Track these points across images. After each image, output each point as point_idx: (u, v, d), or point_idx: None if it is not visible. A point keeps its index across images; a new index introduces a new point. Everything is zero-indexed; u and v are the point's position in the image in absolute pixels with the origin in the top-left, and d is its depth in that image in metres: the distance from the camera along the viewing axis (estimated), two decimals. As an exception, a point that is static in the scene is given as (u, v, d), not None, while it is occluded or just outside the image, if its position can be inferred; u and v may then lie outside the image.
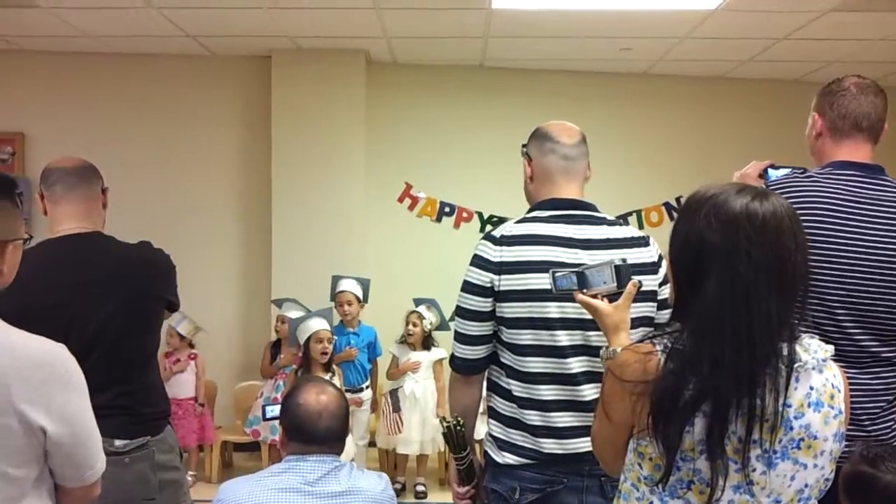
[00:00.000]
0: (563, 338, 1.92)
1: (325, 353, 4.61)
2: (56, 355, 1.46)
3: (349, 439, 2.82)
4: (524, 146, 2.14)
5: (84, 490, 1.53)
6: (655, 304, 1.98)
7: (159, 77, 5.76)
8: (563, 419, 1.93)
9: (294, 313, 5.02)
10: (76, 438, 1.46)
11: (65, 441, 1.44)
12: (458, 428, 2.06)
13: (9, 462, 1.38)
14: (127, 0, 4.39)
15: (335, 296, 5.06)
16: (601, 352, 1.79)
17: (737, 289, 1.28)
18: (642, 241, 2.03)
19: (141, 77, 5.75)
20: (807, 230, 1.83)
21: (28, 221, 5.17)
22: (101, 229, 2.36)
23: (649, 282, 1.95)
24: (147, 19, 4.76)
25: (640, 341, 1.41)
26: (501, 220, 5.69)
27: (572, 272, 1.80)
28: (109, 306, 2.21)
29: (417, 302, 5.11)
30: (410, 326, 5.04)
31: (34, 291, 1.99)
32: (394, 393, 5.03)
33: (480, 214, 5.95)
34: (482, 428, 2.42)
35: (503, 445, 1.99)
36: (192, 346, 5.22)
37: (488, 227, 5.82)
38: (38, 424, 1.39)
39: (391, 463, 5.21)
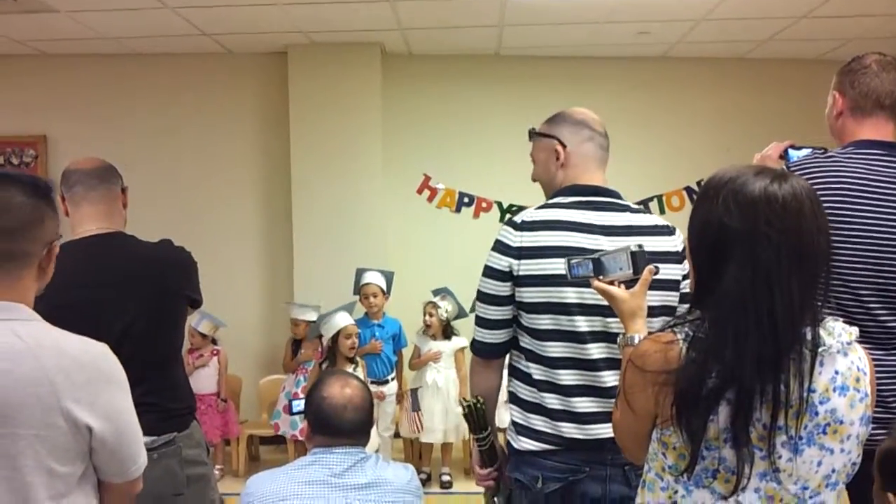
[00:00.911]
0: (582, 323, 1.92)
1: (353, 348, 4.69)
2: (99, 353, 1.49)
3: (374, 431, 2.84)
4: (541, 131, 2.12)
5: (128, 485, 1.56)
6: (678, 294, 1.97)
7: (177, 76, 5.80)
8: (584, 404, 1.92)
9: (305, 314, 5.14)
10: (120, 435, 1.49)
11: (109, 438, 1.46)
12: (479, 406, 2.06)
13: (56, 459, 1.41)
14: (144, 1, 4.41)
15: (360, 288, 5.09)
16: (618, 339, 1.79)
17: (758, 274, 1.26)
18: (666, 230, 2.02)
19: (159, 76, 5.79)
20: (829, 211, 1.81)
21: (52, 223, 5.16)
22: (123, 229, 2.38)
23: (672, 271, 1.94)
24: (164, 19, 4.79)
25: (661, 330, 1.39)
26: (521, 209, 5.66)
27: (588, 259, 1.80)
28: (133, 305, 2.23)
29: (434, 292, 5.13)
30: (427, 317, 5.06)
31: (59, 293, 2.01)
32: (414, 392, 5.06)
33: (500, 204, 5.94)
34: (505, 416, 2.43)
35: (522, 431, 1.99)
36: (214, 342, 5.27)
37: (508, 216, 5.81)
38: (83, 422, 1.42)
39: (416, 453, 5.23)
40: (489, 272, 2.00)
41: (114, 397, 1.48)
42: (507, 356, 2.09)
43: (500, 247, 1.98)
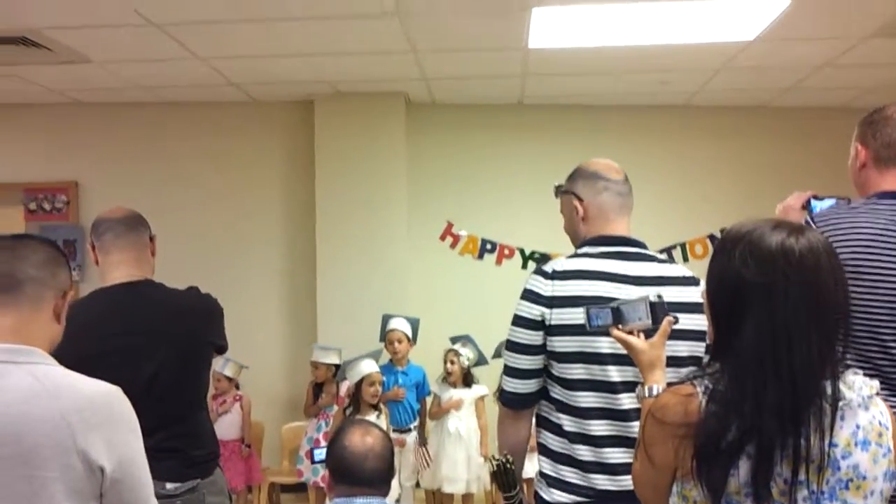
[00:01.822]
0: (615, 373, 1.91)
1: (377, 396, 4.69)
2: (114, 396, 1.51)
3: (395, 480, 2.83)
4: (560, 187, 2.15)
5: None
6: (705, 345, 1.96)
7: (206, 124, 5.93)
8: (615, 455, 1.91)
9: (326, 357, 5.15)
10: (132, 479, 1.50)
11: (121, 480, 1.47)
12: (508, 466, 2.04)
13: (70, 501, 1.42)
14: (175, 52, 4.54)
15: (385, 334, 5.11)
16: (636, 390, 1.78)
17: (776, 327, 1.27)
18: (692, 281, 2.02)
19: (189, 124, 5.93)
20: (853, 261, 1.81)
21: (82, 269, 5.34)
22: (151, 276, 2.42)
23: (698, 321, 1.91)
24: (193, 69, 4.92)
25: (681, 382, 1.39)
26: (544, 256, 5.69)
27: (607, 308, 1.80)
28: (160, 353, 2.26)
29: (453, 340, 5.13)
30: (448, 365, 5.05)
31: (88, 340, 2.05)
32: (421, 429, 5.04)
33: (522, 251, 5.95)
34: (529, 467, 2.41)
35: (553, 483, 1.97)
36: (237, 387, 5.28)
37: (531, 264, 5.82)
38: (98, 464, 1.43)
39: (438, 503, 5.17)
40: (520, 321, 1.99)
41: (127, 440, 1.50)
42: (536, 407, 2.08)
43: (530, 296, 1.99)
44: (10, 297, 1.49)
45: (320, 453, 3.97)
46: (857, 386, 1.32)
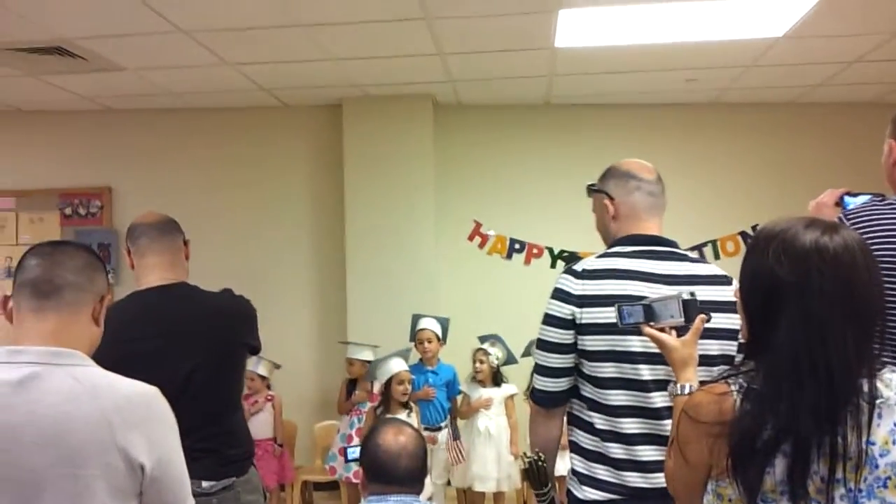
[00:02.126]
0: (646, 372, 1.91)
1: (406, 394, 4.71)
2: (152, 396, 1.54)
3: (427, 479, 2.84)
4: (594, 186, 2.16)
5: None
6: (737, 343, 1.95)
7: (236, 129, 6.00)
8: (647, 453, 1.91)
9: (361, 354, 5.16)
10: (170, 477, 1.53)
11: (160, 478, 1.50)
12: (540, 463, 2.05)
13: (112, 499, 1.45)
14: (206, 59, 4.61)
15: (415, 334, 5.13)
16: (668, 388, 1.78)
17: (811, 326, 1.27)
18: (724, 280, 2.02)
19: (218, 129, 6.00)
20: (888, 258, 1.79)
21: (116, 272, 5.43)
22: (185, 279, 2.46)
23: (730, 320, 1.92)
24: (224, 76, 4.99)
25: (715, 381, 1.39)
26: (572, 255, 5.68)
27: (639, 305, 1.80)
28: (196, 354, 2.30)
29: (482, 339, 5.14)
30: (477, 364, 5.06)
31: (125, 343, 2.10)
32: (454, 423, 5.05)
33: (551, 250, 5.94)
34: (560, 465, 2.41)
35: (585, 481, 1.98)
36: (269, 387, 5.34)
37: (559, 263, 5.81)
38: (138, 462, 1.46)
39: (469, 502, 5.18)
40: (550, 320, 2.00)
41: (166, 438, 1.54)
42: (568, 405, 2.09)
43: (561, 295, 1.99)
44: (51, 303, 1.53)
45: (353, 452, 4.00)
46: (895, 384, 1.31)
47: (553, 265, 5.85)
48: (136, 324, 2.27)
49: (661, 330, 1.77)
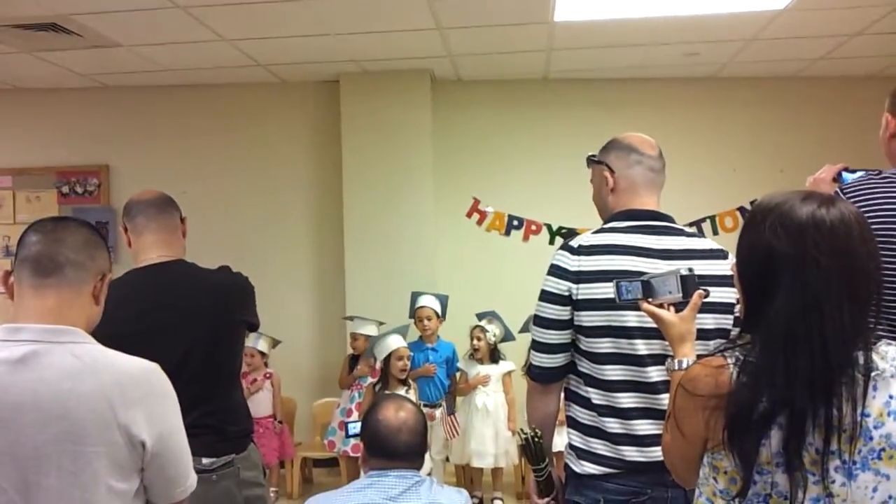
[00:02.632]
0: (642, 347, 1.92)
1: (405, 370, 4.73)
2: (153, 371, 1.54)
3: (427, 454, 2.86)
4: (593, 157, 2.15)
5: None
6: (732, 318, 1.96)
7: (233, 105, 5.97)
8: (644, 427, 1.92)
9: (365, 329, 5.17)
10: (171, 453, 1.53)
11: (161, 454, 1.50)
12: (536, 439, 2.06)
13: (114, 476, 1.45)
14: (202, 35, 4.58)
15: (415, 311, 5.14)
16: (666, 363, 1.78)
17: (808, 298, 1.27)
18: (720, 254, 2.01)
19: (216, 106, 5.98)
20: (884, 231, 1.79)
21: (113, 250, 5.42)
22: (183, 257, 2.46)
23: (726, 294, 1.93)
24: (221, 52, 4.96)
25: (711, 354, 1.39)
26: (570, 232, 5.68)
27: (637, 281, 1.80)
28: (194, 331, 2.30)
29: (479, 316, 5.15)
30: (475, 341, 5.08)
31: (123, 320, 2.09)
32: (450, 397, 5.08)
33: (549, 226, 5.94)
34: (558, 440, 2.42)
35: (582, 455, 1.99)
36: (266, 364, 5.36)
37: (558, 240, 5.81)
38: (139, 438, 1.46)
39: (467, 477, 5.23)
40: (547, 296, 2.00)
41: (166, 414, 1.53)
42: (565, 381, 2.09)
43: (557, 271, 1.99)
44: (52, 280, 1.52)
45: (354, 427, 4.03)
46: (891, 356, 1.31)
47: (552, 242, 5.85)
48: (133, 301, 2.26)
49: (660, 306, 1.77)
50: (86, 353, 1.49)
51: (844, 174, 2.15)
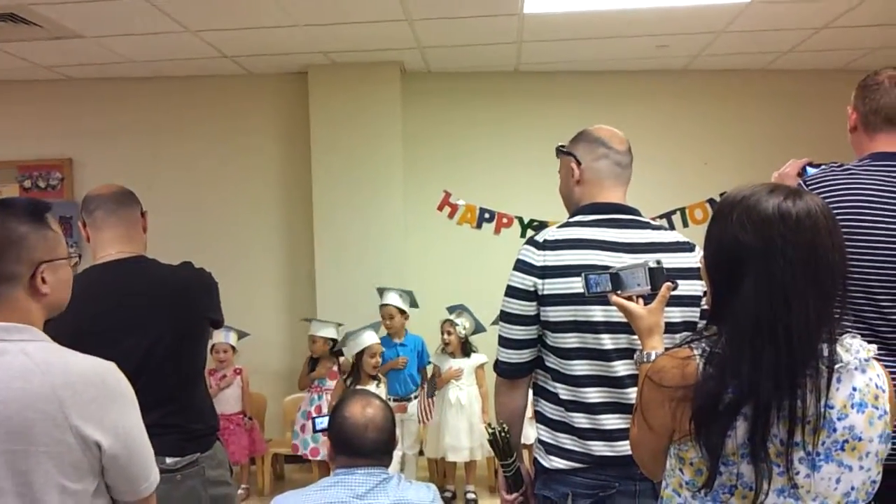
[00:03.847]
0: (608, 341, 1.91)
1: (377, 367, 4.74)
2: (107, 371, 1.50)
3: (396, 451, 2.85)
4: (562, 148, 2.14)
5: (141, 503, 1.57)
6: (699, 310, 1.96)
7: (199, 98, 5.89)
8: (611, 421, 1.92)
9: (324, 331, 5.15)
10: (130, 452, 1.50)
11: (119, 455, 1.48)
12: (504, 434, 2.06)
13: (67, 476, 1.43)
14: (167, 26, 4.49)
15: (380, 308, 5.12)
16: (635, 356, 1.78)
17: (774, 290, 1.27)
18: (687, 247, 2.02)
19: (182, 98, 5.89)
20: (846, 221, 1.80)
21: (77, 245, 5.31)
22: (143, 252, 2.41)
23: (693, 287, 1.94)
24: (186, 43, 4.87)
25: (678, 346, 1.39)
26: (542, 225, 5.68)
27: (605, 274, 1.80)
28: (155, 328, 2.26)
29: (450, 310, 5.14)
30: (445, 335, 5.07)
31: (81, 318, 2.04)
32: (432, 380, 5.09)
33: (521, 219, 5.94)
34: (531, 432, 2.42)
35: (551, 450, 1.99)
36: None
37: (529, 232, 5.81)
38: (93, 439, 1.44)
39: (440, 471, 5.22)
40: (513, 292, 1.99)
41: (122, 414, 1.50)
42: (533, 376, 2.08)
43: (522, 266, 1.98)
44: None
45: (321, 422, 4.01)
46: (855, 349, 1.32)
47: (523, 234, 5.85)
48: (92, 299, 2.19)
49: (628, 298, 1.77)
50: (38, 351, 1.46)
51: (809, 169, 2.16)
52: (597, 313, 1.90)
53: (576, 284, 1.87)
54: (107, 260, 2.32)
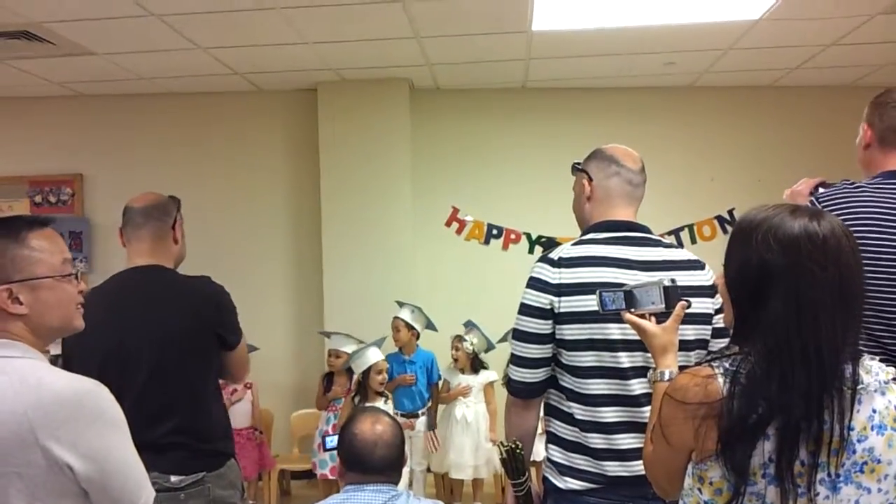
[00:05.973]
0: (625, 359, 1.90)
1: (384, 383, 4.72)
2: (86, 392, 1.45)
3: (405, 467, 2.83)
4: (578, 165, 2.15)
5: None
6: (710, 328, 1.95)
7: (209, 114, 5.92)
8: (626, 441, 1.91)
9: (347, 346, 5.06)
10: (107, 474, 1.45)
11: (94, 477, 1.43)
12: (517, 452, 2.03)
13: (35, 495, 1.39)
14: (178, 44, 4.53)
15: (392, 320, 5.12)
16: (648, 374, 1.77)
17: (804, 309, 1.27)
18: (698, 265, 2.01)
19: (192, 114, 5.92)
20: (859, 240, 1.80)
21: (88, 260, 5.31)
22: (169, 264, 2.42)
23: (705, 305, 1.93)
24: (196, 60, 4.91)
25: (697, 364, 1.38)
26: (550, 241, 5.67)
27: (620, 292, 1.79)
28: (164, 341, 2.26)
29: (465, 325, 5.12)
30: (453, 351, 5.06)
31: (95, 329, 2.04)
32: (429, 411, 5.06)
33: (529, 235, 5.93)
34: (539, 448, 2.40)
35: (564, 470, 1.97)
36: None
37: (537, 248, 5.81)
38: (63, 461, 1.39)
39: (447, 489, 5.19)
40: (527, 310, 1.97)
41: (100, 436, 1.44)
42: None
43: (537, 283, 1.96)
44: None
45: (332, 440, 3.99)
46: (875, 371, 1.32)
47: (531, 251, 5.84)
48: (101, 310, 2.19)
49: (642, 316, 1.76)
50: (16, 369, 1.43)
51: (821, 189, 2.15)
52: (614, 331, 1.89)
53: (592, 302, 1.85)
54: (126, 269, 2.38)
